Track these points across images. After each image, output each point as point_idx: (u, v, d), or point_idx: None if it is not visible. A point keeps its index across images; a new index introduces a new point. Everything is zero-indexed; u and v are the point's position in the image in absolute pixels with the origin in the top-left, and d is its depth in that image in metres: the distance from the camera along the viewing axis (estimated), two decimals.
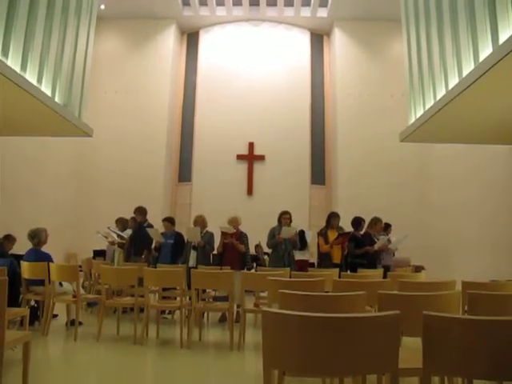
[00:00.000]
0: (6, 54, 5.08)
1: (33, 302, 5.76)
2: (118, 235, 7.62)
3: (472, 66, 5.07)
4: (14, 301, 4.98)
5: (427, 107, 6.46)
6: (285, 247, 6.70)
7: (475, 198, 8.84)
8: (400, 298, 2.78)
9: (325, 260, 6.88)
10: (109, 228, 7.77)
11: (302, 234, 7.60)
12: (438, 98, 6.05)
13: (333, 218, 7.15)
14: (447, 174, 10.31)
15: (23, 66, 5.50)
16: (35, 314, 5.66)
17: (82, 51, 7.40)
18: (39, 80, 5.94)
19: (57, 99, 6.46)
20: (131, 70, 12.46)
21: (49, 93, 6.22)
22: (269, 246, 6.87)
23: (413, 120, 7.04)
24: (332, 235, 6.93)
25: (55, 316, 5.85)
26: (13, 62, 5.21)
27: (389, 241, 7.32)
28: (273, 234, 6.79)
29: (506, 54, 4.14)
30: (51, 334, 5.08)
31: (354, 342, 1.66)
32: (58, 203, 10.78)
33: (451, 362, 1.66)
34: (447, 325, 1.67)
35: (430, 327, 1.67)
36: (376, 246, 6.90)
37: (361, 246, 6.89)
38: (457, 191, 9.64)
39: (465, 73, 5.24)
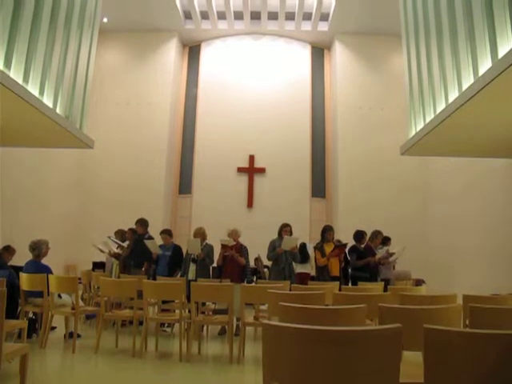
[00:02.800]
0: (8, 65, 5.12)
1: (31, 314, 5.71)
2: (118, 245, 7.59)
3: (472, 80, 5.10)
4: (12, 313, 4.96)
5: (427, 121, 6.48)
6: (285, 259, 6.66)
7: (475, 211, 8.83)
8: (401, 312, 2.75)
9: (322, 273, 6.86)
10: (109, 237, 7.73)
11: (303, 246, 7.58)
12: (438, 111, 6.08)
13: (326, 231, 7.15)
14: (447, 187, 10.32)
15: (25, 78, 5.54)
16: (33, 326, 5.61)
17: (84, 63, 7.45)
18: (41, 91, 5.97)
19: (58, 111, 6.49)
20: (133, 82, 12.55)
21: (50, 104, 6.25)
22: (269, 258, 6.83)
23: (413, 133, 7.06)
24: (328, 248, 6.92)
25: (53, 328, 5.80)
26: (15, 74, 5.25)
27: (387, 252, 7.31)
28: (273, 247, 6.76)
29: (506, 68, 4.17)
30: (49, 347, 5.03)
31: (355, 355, 1.64)
32: (58, 214, 10.77)
33: (453, 377, 1.64)
34: (449, 338, 1.65)
35: (431, 341, 1.66)
36: (377, 257, 6.91)
37: (362, 258, 6.88)
38: (457, 204, 9.64)
39: (464, 87, 5.27)
